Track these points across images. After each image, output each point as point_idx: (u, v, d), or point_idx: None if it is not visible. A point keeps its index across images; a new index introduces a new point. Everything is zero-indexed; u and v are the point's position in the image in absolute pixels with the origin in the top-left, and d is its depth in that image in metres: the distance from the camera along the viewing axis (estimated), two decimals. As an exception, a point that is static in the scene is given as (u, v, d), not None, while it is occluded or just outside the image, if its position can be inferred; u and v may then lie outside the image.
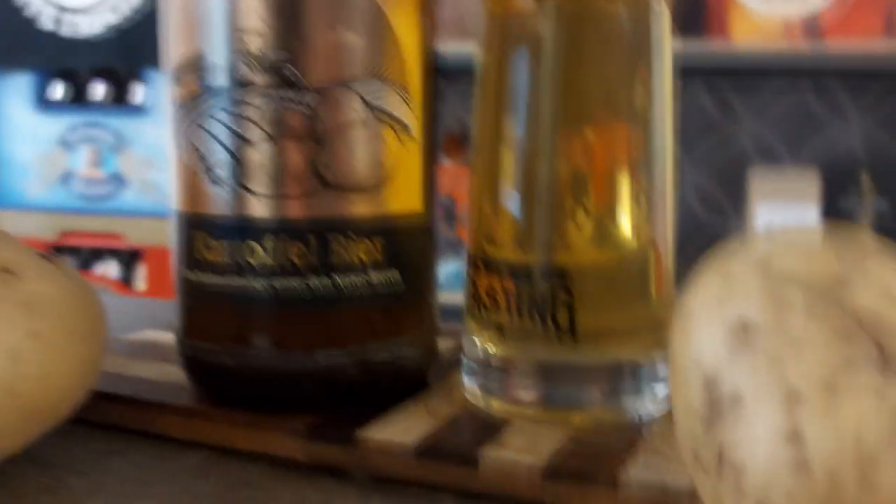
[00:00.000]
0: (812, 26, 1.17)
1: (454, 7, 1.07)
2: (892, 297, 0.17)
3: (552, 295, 0.26)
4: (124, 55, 1.46)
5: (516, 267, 0.26)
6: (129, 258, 1.60)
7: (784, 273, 0.18)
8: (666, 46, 0.27)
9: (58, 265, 0.25)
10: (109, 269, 1.60)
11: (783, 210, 1.22)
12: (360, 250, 0.26)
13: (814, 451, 0.15)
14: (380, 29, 0.25)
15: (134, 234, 1.50)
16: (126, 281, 1.59)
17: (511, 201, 0.26)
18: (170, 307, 0.29)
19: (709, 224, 1.38)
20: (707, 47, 1.16)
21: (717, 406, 0.17)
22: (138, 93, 1.54)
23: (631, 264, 0.27)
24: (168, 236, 0.28)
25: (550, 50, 0.26)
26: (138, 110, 1.51)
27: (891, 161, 1.11)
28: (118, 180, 1.52)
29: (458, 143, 1.36)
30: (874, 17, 1.16)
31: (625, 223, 0.26)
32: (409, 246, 0.27)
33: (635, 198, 0.26)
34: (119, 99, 1.56)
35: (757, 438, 0.16)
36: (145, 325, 0.38)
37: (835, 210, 1.16)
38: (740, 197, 1.35)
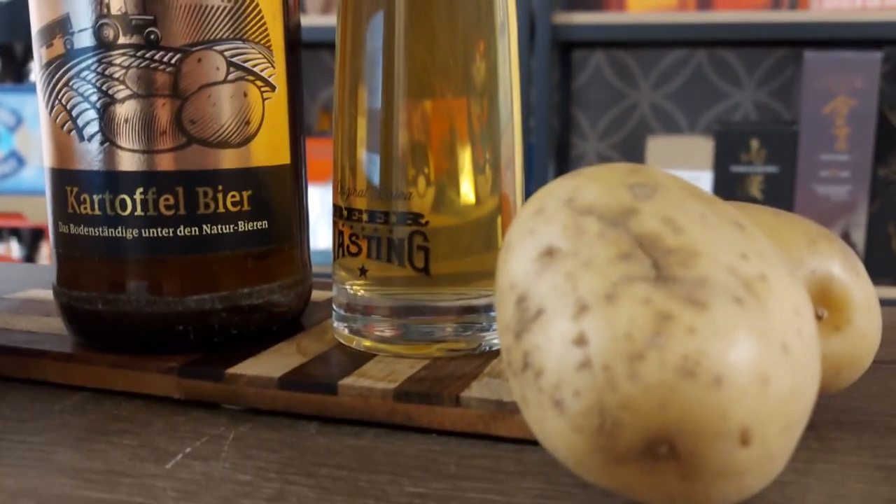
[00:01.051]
0: (704, -1, 1.22)
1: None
2: (671, 224, 0.20)
3: (409, 240, 0.28)
4: (19, 31, 1.42)
5: (376, 214, 0.28)
6: (32, 237, 1.56)
7: (585, 205, 0.21)
8: (511, 20, 0.30)
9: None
10: (11, 248, 1.56)
11: (678, 175, 1.27)
12: (228, 201, 0.27)
13: (594, 350, 0.18)
14: (239, -7, 0.27)
15: (35, 213, 1.47)
16: (29, 260, 1.55)
17: (365, 165, 0.28)
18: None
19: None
20: (608, 20, 1.19)
21: (524, 319, 0.20)
22: (35, 69, 1.50)
23: (478, 226, 0.29)
24: None
25: (400, 19, 0.28)
26: (35, 87, 1.47)
27: (780, 128, 1.18)
28: (17, 159, 1.48)
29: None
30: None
31: (467, 191, 0.28)
32: (276, 197, 0.29)
33: (478, 167, 0.29)
34: (15, 76, 1.51)
35: (552, 343, 0.19)
36: (33, 286, 0.39)
37: (727, 175, 1.22)
38: (641, 163, 1.40)
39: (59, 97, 0.27)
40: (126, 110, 0.26)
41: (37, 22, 0.27)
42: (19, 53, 1.53)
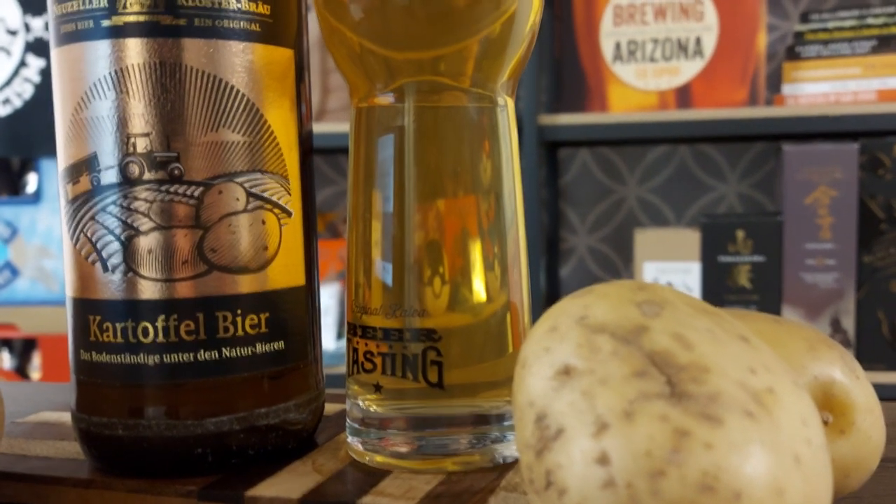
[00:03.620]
0: (685, 97, 1.26)
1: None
2: (681, 341, 0.21)
3: (423, 355, 0.29)
4: (16, 146, 1.45)
5: (390, 332, 0.29)
6: (23, 347, 1.55)
7: (597, 324, 0.22)
8: (512, 132, 0.31)
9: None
10: (3, 358, 1.55)
11: (667, 267, 1.29)
12: (247, 324, 0.28)
13: (617, 468, 0.19)
14: (258, 127, 0.28)
15: (27, 324, 1.47)
16: (20, 371, 1.54)
17: (379, 273, 0.30)
18: (64, 389, 0.31)
19: (603, 281, 1.45)
20: (592, 120, 1.24)
21: (545, 437, 0.21)
22: (31, 182, 1.52)
23: (489, 325, 0.30)
24: (63, 324, 0.30)
25: (410, 138, 0.29)
26: (30, 199, 1.49)
27: (765, 219, 1.20)
28: (10, 270, 1.49)
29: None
30: (741, 87, 1.26)
31: (479, 288, 0.30)
32: (292, 317, 0.30)
33: (488, 264, 0.30)
34: (11, 189, 1.54)
35: (574, 462, 0.19)
36: (41, 408, 0.39)
37: (715, 265, 1.24)
38: (631, 257, 1.42)
39: (84, 230, 0.28)
40: (149, 242, 0.27)
41: (63, 160, 0.28)
42: (16, 166, 1.56)
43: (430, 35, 0.28)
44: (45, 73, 1.43)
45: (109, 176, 0.27)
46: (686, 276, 1.29)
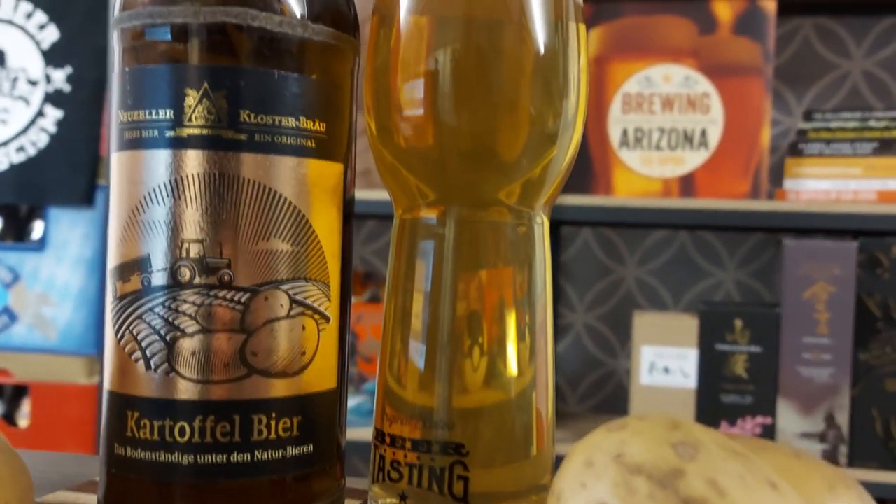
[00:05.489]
0: (688, 186, 1.29)
1: (363, 160, 1.14)
2: (715, 487, 0.22)
3: (450, 470, 0.29)
4: (26, 193, 1.47)
5: (419, 443, 0.30)
6: (13, 393, 1.54)
7: (633, 464, 0.23)
8: (546, 245, 0.32)
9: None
10: (-9, 404, 1.53)
11: (664, 351, 1.30)
12: (280, 428, 0.29)
13: None
14: (306, 237, 0.29)
15: (21, 370, 1.46)
16: (8, 417, 1.53)
17: (415, 348, 0.31)
18: (78, 461, 0.31)
19: (600, 362, 1.46)
20: (596, 202, 1.26)
21: (580, 577, 0.21)
22: (37, 229, 1.53)
23: (517, 413, 0.31)
24: (55, 372, 0.30)
25: (449, 245, 0.31)
26: (35, 247, 1.50)
27: (764, 311, 1.21)
28: (9, 315, 1.49)
29: (362, 280, 1.41)
30: (744, 179, 1.29)
31: (512, 358, 0.31)
32: (322, 420, 0.30)
33: (521, 333, 0.31)
34: (16, 235, 1.55)
35: None
36: (56, 483, 0.39)
37: (713, 353, 1.24)
38: (628, 337, 1.43)
39: (130, 328, 0.28)
40: (194, 344, 0.28)
41: (115, 258, 0.29)
42: (23, 212, 1.57)
43: (479, 182, 0.31)
44: (61, 124, 1.45)
45: (160, 278, 0.28)
46: (683, 362, 1.30)
